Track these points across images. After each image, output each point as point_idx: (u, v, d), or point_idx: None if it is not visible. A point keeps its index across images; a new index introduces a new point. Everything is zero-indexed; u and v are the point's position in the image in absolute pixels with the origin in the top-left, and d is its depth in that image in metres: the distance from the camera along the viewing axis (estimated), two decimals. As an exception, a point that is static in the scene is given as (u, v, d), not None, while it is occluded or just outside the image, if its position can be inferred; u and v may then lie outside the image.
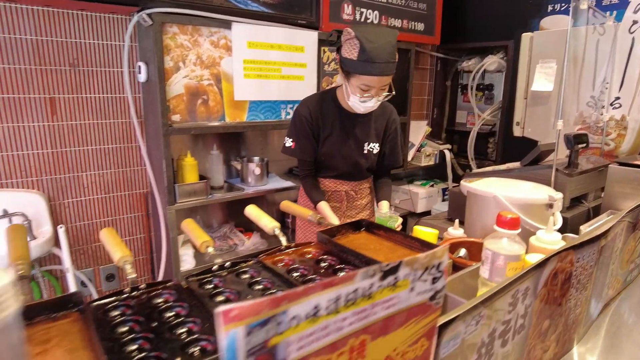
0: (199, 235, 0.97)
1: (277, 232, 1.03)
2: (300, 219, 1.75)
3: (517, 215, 0.78)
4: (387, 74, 1.39)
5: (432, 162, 2.98)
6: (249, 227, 2.36)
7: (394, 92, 1.47)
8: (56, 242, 1.87)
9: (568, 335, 0.76)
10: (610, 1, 2.23)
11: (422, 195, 2.85)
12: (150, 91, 1.86)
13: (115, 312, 0.73)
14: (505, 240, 0.78)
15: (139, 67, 1.85)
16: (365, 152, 1.61)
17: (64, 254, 1.81)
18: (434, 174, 3.18)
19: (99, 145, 1.99)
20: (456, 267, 1.01)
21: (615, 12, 1.97)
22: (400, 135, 1.70)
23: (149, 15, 1.70)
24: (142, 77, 1.85)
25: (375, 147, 1.63)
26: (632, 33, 1.77)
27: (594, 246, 0.74)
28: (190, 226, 1.03)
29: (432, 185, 2.95)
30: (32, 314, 0.68)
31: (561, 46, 2.03)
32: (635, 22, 1.76)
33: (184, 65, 1.80)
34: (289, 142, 1.61)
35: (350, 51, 1.39)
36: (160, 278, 2.02)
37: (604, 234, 0.76)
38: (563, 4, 2.45)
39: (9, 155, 1.81)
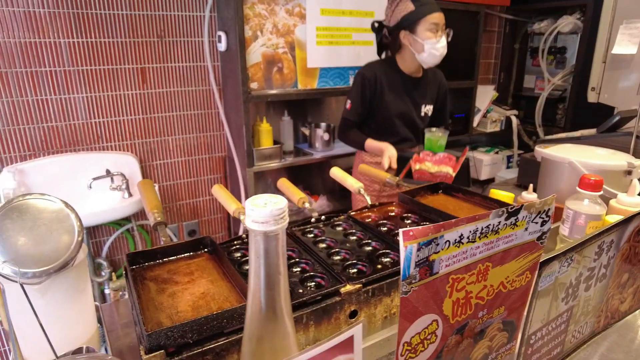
0: (296, 193, 1.09)
1: (362, 191, 1.14)
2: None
3: (600, 178, 0.83)
4: (440, 10, 1.61)
5: (497, 129, 2.94)
6: (315, 190, 2.49)
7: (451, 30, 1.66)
8: (149, 198, 2.10)
9: (645, 290, 0.82)
10: None
11: (487, 162, 2.84)
12: (229, 60, 1.99)
13: (237, 254, 0.87)
14: (586, 201, 0.84)
15: (219, 36, 1.98)
16: (422, 114, 1.80)
17: (158, 209, 2.03)
18: (497, 140, 3.13)
19: (182, 111, 2.17)
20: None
21: None
22: (448, 98, 1.88)
23: (230, -13, 1.80)
24: (222, 46, 1.97)
25: (430, 110, 1.81)
26: None
27: (678, 208, 0.78)
28: (286, 184, 1.15)
29: (497, 152, 2.92)
30: (174, 252, 0.83)
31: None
32: None
33: (262, 34, 1.90)
34: (347, 104, 1.74)
35: (405, 7, 1.59)
36: (240, 234, 2.22)
37: (690, 197, 0.79)
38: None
39: (108, 122, 2.03)
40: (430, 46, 1.59)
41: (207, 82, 2.18)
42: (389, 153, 1.60)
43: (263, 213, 0.36)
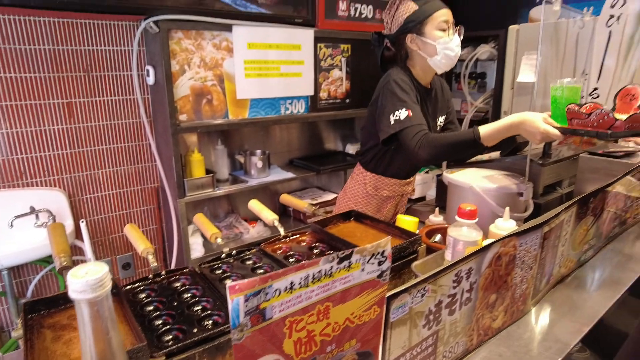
0: (209, 228, 1.12)
1: (276, 223, 1.19)
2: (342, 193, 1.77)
3: (475, 207, 0.93)
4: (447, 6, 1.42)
5: (427, 150, 3.10)
6: (253, 216, 2.52)
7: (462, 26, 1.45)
8: (77, 234, 2.05)
9: (516, 306, 0.92)
10: (593, -7, 2.33)
11: (418, 181, 2.98)
12: (158, 93, 2.01)
13: (142, 295, 0.89)
14: (465, 228, 0.93)
15: (148, 70, 2.00)
16: (437, 128, 1.62)
17: (87, 246, 1.98)
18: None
19: (112, 144, 2.15)
20: (431, 250, 1.16)
21: (592, 8, 2.07)
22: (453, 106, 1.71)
23: (155, 22, 1.83)
24: (150, 79, 1.99)
25: (442, 121, 1.62)
26: (609, 27, 1.88)
27: (537, 233, 0.88)
28: (200, 220, 1.19)
29: (427, 172, 3.09)
30: (77, 296, 0.84)
31: (546, 38, 2.14)
32: (612, 16, 1.86)
33: (189, 68, 1.94)
34: (403, 114, 1.34)
35: (408, 7, 1.41)
36: (173, 265, 2.20)
37: (547, 222, 0.90)
38: (550, -5, 2.54)
39: (33, 157, 1.97)
40: (443, 46, 1.38)
41: (137, 115, 2.18)
42: (542, 126, 1.19)
43: (80, 283, 0.41)
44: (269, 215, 1.23)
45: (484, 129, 1.25)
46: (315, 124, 2.88)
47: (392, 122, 1.36)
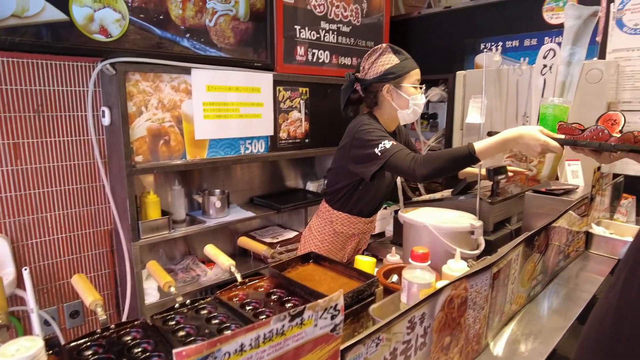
0: (162, 277, 1.09)
1: (233, 269, 1.17)
2: (307, 230, 1.82)
3: (427, 251, 0.96)
4: None
5: (385, 187, 3.18)
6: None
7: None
8: (19, 283, 1.92)
9: (471, 346, 0.94)
10: (530, 43, 2.54)
11: (377, 217, 3.03)
12: (114, 134, 1.97)
13: (89, 352, 0.85)
14: (418, 270, 0.96)
15: (103, 111, 1.96)
16: None
17: (29, 295, 1.84)
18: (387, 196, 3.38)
19: (63, 186, 2.06)
20: (389, 290, 1.18)
21: (527, 58, 2.26)
22: None
23: (112, 64, 1.82)
24: (106, 121, 1.95)
25: None
26: (543, 75, 2.05)
27: (486, 274, 0.92)
28: (153, 267, 1.15)
29: (385, 208, 3.15)
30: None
31: (489, 83, 2.30)
32: (545, 65, 2.03)
33: (146, 110, 1.93)
34: (388, 144, 1.41)
35: (389, 59, 1.53)
36: (125, 311, 2.09)
37: (495, 262, 0.95)
38: (492, 43, 2.75)
39: (-28, 200, 1.86)
40: (414, 102, 1.52)
41: (91, 156, 2.11)
42: (542, 138, 1.22)
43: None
44: (225, 261, 1.22)
45: (479, 145, 1.31)
46: (275, 163, 2.90)
47: (380, 154, 1.41)
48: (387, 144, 1.42)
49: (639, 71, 2.14)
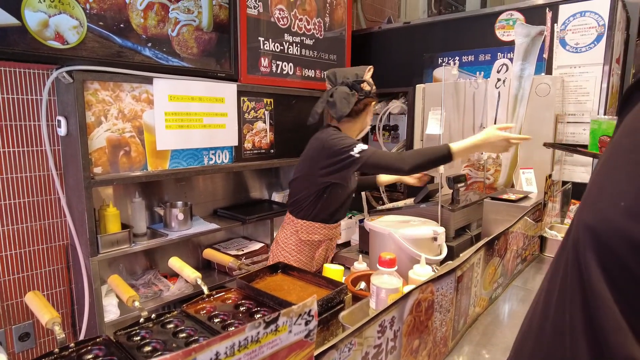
0: (125, 291, 1.05)
1: (199, 282, 1.15)
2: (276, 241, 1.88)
3: (394, 256, 0.98)
4: None
5: (349, 196, 3.22)
6: (174, 272, 2.39)
7: None
8: (-35, 304, 1.79)
9: (438, 349, 0.96)
10: (485, 58, 2.68)
11: (342, 226, 3.06)
12: (70, 145, 1.89)
13: (47, 373, 0.80)
14: (386, 276, 0.98)
15: (59, 121, 1.88)
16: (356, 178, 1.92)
17: (-25, 316, 1.73)
18: (352, 205, 3.43)
19: (13, 199, 1.95)
20: (357, 298, 1.19)
21: (483, 72, 2.38)
22: None
23: (69, 72, 1.75)
24: (62, 131, 1.87)
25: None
26: (497, 88, 2.16)
27: (451, 277, 0.96)
28: (116, 282, 1.11)
29: (350, 217, 3.18)
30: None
31: (447, 96, 2.39)
32: (499, 79, 2.15)
33: (106, 120, 1.87)
34: (364, 146, 1.55)
35: (370, 83, 1.73)
36: (83, 330, 1.99)
37: (459, 266, 0.98)
38: (449, 58, 2.87)
39: None
40: (370, 121, 1.81)
41: (45, 168, 2.02)
42: (502, 134, 1.51)
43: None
44: (191, 274, 1.19)
45: (455, 147, 1.51)
46: (240, 174, 2.87)
47: (358, 155, 1.53)
48: (363, 146, 1.54)
49: (581, 86, 2.30)
